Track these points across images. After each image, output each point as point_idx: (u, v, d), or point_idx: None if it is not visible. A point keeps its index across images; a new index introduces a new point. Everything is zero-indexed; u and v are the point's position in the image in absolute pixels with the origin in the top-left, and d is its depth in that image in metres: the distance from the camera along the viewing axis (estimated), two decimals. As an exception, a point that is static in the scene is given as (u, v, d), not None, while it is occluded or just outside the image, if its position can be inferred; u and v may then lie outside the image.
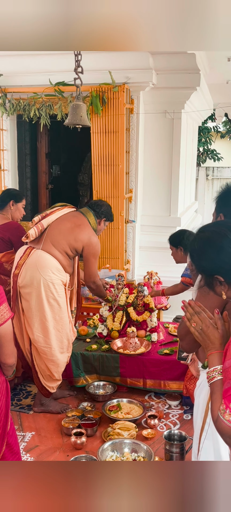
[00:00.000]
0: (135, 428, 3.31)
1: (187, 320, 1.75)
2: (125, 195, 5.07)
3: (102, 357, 3.90)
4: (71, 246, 3.53)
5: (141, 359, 3.83)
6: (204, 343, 1.70)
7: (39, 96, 4.99)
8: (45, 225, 3.57)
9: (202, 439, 2.03)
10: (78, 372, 3.93)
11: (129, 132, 5.13)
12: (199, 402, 2.11)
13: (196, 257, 1.82)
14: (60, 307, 3.50)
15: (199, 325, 1.70)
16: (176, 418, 3.62)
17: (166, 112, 5.36)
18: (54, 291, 3.45)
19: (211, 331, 1.68)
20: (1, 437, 1.96)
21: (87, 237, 3.57)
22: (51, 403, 3.71)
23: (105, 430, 3.35)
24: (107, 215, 3.81)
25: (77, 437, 3.20)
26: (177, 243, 3.91)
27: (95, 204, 3.82)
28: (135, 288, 4.28)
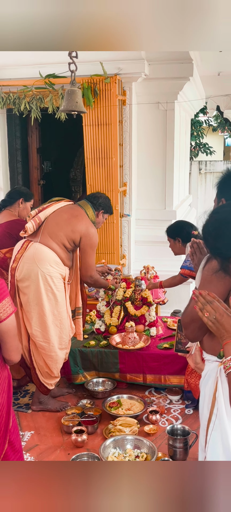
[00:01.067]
0: (137, 424, 3.29)
1: (199, 311, 1.70)
2: (119, 188, 5.05)
3: (101, 353, 3.87)
4: (68, 237, 3.50)
5: (140, 354, 3.81)
6: (219, 332, 1.67)
7: (29, 89, 4.95)
8: (42, 218, 3.55)
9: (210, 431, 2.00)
10: (76, 369, 3.90)
11: (122, 124, 5.11)
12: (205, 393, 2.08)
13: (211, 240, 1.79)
14: (58, 301, 3.46)
15: (212, 315, 1.66)
16: (177, 413, 3.61)
17: (159, 103, 5.34)
18: (53, 284, 3.42)
19: (226, 320, 1.65)
20: (3, 435, 1.91)
21: (85, 228, 3.54)
22: (50, 401, 3.68)
23: (106, 427, 3.32)
24: (105, 207, 3.78)
25: (78, 435, 3.17)
26: (174, 234, 3.89)
27: (92, 196, 3.80)
28: (132, 282, 4.26)
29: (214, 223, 1.77)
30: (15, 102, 4.99)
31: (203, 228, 1.84)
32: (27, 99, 4.97)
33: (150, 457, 2.93)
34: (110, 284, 4.07)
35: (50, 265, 3.41)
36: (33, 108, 4.94)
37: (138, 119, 5.39)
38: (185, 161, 7.29)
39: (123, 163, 5.19)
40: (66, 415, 3.47)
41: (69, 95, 3.93)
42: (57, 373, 3.57)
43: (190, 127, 8.14)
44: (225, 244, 1.71)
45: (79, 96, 4.02)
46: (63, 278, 3.52)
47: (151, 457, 2.92)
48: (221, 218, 1.75)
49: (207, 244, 1.84)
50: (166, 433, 3.12)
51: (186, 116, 6.98)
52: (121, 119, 5.07)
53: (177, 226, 3.92)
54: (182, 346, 2.77)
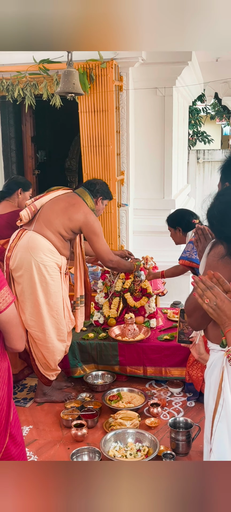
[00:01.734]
0: (138, 417, 3.28)
1: (199, 297, 1.64)
2: (116, 177, 5.01)
3: (100, 345, 3.85)
4: (65, 226, 3.46)
5: (140, 346, 3.79)
6: (220, 319, 1.61)
7: (23, 75, 4.88)
8: (38, 206, 3.52)
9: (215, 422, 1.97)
10: (75, 362, 3.88)
11: (119, 110, 5.06)
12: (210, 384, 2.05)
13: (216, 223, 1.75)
14: (53, 291, 3.43)
15: (213, 301, 1.60)
16: (179, 406, 3.60)
17: (157, 88, 5.30)
18: (47, 273, 3.38)
19: (227, 306, 1.59)
20: (4, 428, 1.88)
21: (83, 216, 3.50)
22: (54, 392, 3.68)
23: (107, 421, 3.31)
24: (103, 192, 3.74)
25: (77, 429, 3.16)
26: (175, 223, 3.86)
27: (89, 183, 3.76)
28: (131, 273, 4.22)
29: (219, 206, 1.73)
30: (9, 89, 4.93)
31: (208, 212, 1.80)
32: (20, 85, 4.90)
33: (152, 450, 2.91)
34: (135, 264, 3.99)
35: (44, 254, 3.37)
36: (27, 94, 4.88)
37: (135, 106, 5.34)
38: (183, 150, 7.26)
39: (120, 151, 5.14)
40: (65, 409, 3.46)
41: (66, 76, 3.86)
42: (55, 365, 3.55)
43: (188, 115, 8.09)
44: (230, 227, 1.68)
45: (77, 77, 3.96)
46: (59, 267, 3.47)
47: (153, 450, 2.90)
48: (227, 200, 1.71)
49: (212, 228, 1.81)
50: (168, 426, 3.10)
51: (184, 103, 6.94)
52: (118, 106, 5.02)
53: (177, 215, 3.90)
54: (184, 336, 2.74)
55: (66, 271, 3.58)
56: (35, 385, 3.86)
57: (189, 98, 7.36)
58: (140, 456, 2.89)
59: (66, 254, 3.56)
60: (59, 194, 3.64)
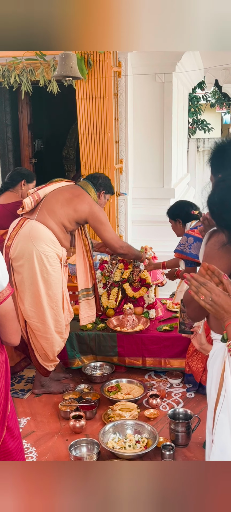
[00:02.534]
0: (137, 409, 3.28)
1: (194, 294, 1.62)
2: (115, 165, 4.99)
3: (98, 336, 3.85)
4: (70, 217, 3.47)
5: (139, 336, 3.79)
6: (218, 314, 1.60)
7: (19, 60, 4.83)
8: (41, 196, 3.51)
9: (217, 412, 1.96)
10: (73, 353, 3.88)
11: (117, 97, 5.03)
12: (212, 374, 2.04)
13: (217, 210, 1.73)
14: (54, 282, 3.42)
15: (208, 297, 1.59)
16: (178, 397, 3.60)
17: (156, 74, 5.26)
18: (48, 264, 3.38)
19: (223, 299, 1.58)
20: (1, 422, 1.88)
21: (88, 207, 3.52)
22: (52, 383, 3.68)
23: (105, 412, 3.31)
24: (106, 186, 3.75)
25: (76, 421, 3.16)
26: (174, 216, 3.86)
27: (92, 176, 3.78)
28: (130, 263, 4.22)
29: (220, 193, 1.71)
30: (4, 75, 4.88)
31: (209, 199, 1.78)
32: (17, 71, 4.86)
33: (151, 442, 2.92)
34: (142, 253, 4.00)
35: (46, 244, 3.36)
36: (24, 81, 4.84)
37: (134, 92, 5.31)
38: (183, 138, 7.23)
39: (119, 139, 5.12)
40: (63, 400, 3.46)
41: (63, 59, 3.83)
42: (54, 356, 3.55)
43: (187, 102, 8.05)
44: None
45: (74, 60, 3.92)
46: (60, 259, 3.48)
47: (152, 442, 2.91)
48: (228, 186, 1.69)
49: (213, 215, 1.79)
50: (167, 417, 3.10)
51: (184, 89, 6.90)
52: (116, 92, 4.99)
53: (177, 207, 3.89)
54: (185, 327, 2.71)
55: (65, 263, 3.59)
56: (33, 376, 3.87)
57: (189, 85, 7.31)
58: (139, 447, 2.89)
59: (67, 245, 3.58)
60: (63, 185, 3.65)
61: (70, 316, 3.69)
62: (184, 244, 3.59)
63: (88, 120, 4.82)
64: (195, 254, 3.54)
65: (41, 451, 3.01)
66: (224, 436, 1.91)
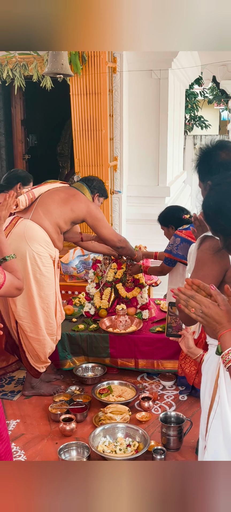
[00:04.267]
0: (128, 412, 3.28)
1: (184, 308, 1.60)
2: (109, 163, 4.98)
3: (90, 337, 3.85)
4: (66, 217, 3.49)
5: (132, 338, 3.79)
6: (210, 325, 1.58)
7: (12, 55, 4.80)
8: (36, 195, 3.52)
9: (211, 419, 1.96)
10: (64, 354, 3.87)
11: (112, 93, 5.01)
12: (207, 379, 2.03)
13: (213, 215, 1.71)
14: (47, 284, 3.43)
15: (198, 309, 1.56)
16: (171, 400, 3.60)
17: (152, 70, 5.24)
18: (41, 264, 3.38)
19: (213, 310, 1.55)
20: None
21: (85, 206, 3.56)
22: (43, 385, 3.67)
23: (96, 415, 3.30)
24: (100, 189, 3.79)
25: (66, 423, 3.15)
26: (166, 222, 3.88)
27: (86, 179, 3.82)
28: (123, 262, 4.21)
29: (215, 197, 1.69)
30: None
31: (204, 203, 1.76)
32: (10, 66, 4.83)
33: (142, 446, 2.91)
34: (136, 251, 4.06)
35: (40, 244, 3.37)
36: (17, 76, 4.81)
37: (129, 88, 5.29)
38: (179, 135, 7.22)
39: (113, 136, 5.11)
40: (53, 403, 3.45)
41: (54, 56, 3.82)
42: (45, 358, 3.55)
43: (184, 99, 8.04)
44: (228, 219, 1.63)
45: (65, 57, 3.91)
46: (53, 260, 3.49)
47: (143, 445, 2.90)
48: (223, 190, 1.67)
49: (208, 220, 1.77)
50: (159, 421, 3.10)
51: (181, 86, 6.88)
52: (111, 88, 4.97)
53: (168, 213, 3.91)
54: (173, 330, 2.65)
55: (58, 264, 3.60)
56: (23, 377, 3.85)
57: (186, 81, 7.30)
58: (130, 451, 2.89)
59: (60, 247, 3.59)
60: (57, 186, 3.68)
61: (62, 318, 3.70)
62: (173, 244, 3.62)
63: (82, 116, 4.80)
64: (181, 255, 3.58)
65: (30, 454, 3.00)
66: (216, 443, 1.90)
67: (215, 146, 2.24)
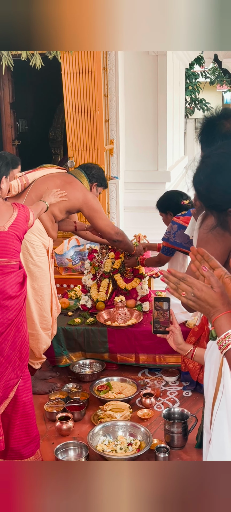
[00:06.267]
0: (129, 409, 3.28)
1: (174, 292, 1.54)
2: (104, 146, 4.98)
3: (87, 331, 3.85)
4: (61, 205, 3.49)
5: (132, 331, 3.79)
6: (203, 310, 1.55)
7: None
8: (30, 180, 3.53)
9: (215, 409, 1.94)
10: (60, 350, 3.86)
11: (107, 72, 5.01)
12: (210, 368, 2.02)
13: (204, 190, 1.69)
14: (40, 275, 3.44)
15: (189, 292, 1.52)
16: (174, 396, 3.60)
17: (149, 47, 5.23)
18: (34, 254, 3.39)
19: (207, 293, 1.51)
20: None
21: (82, 194, 3.57)
22: (37, 383, 3.67)
23: (95, 413, 3.31)
24: (99, 178, 3.80)
25: (63, 422, 3.15)
26: (165, 208, 3.89)
27: (85, 166, 3.83)
28: (122, 252, 4.20)
29: (205, 170, 1.66)
30: (-17, 48, 4.82)
31: (194, 178, 1.74)
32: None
33: (144, 444, 2.91)
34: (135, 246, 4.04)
35: (32, 233, 3.37)
36: (4, 54, 4.78)
37: (125, 66, 5.29)
38: (180, 117, 7.22)
39: (109, 117, 5.12)
40: (49, 401, 3.45)
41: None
42: (39, 353, 3.56)
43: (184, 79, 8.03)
44: (220, 193, 1.61)
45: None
46: (47, 249, 3.50)
47: (146, 444, 2.90)
48: (214, 162, 1.65)
49: (200, 196, 1.74)
50: (162, 418, 3.10)
51: (180, 64, 6.87)
52: (106, 66, 4.97)
53: (166, 199, 3.93)
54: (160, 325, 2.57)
55: (52, 255, 3.60)
56: (16, 376, 3.84)
57: (186, 60, 7.29)
58: (131, 450, 2.88)
59: (54, 236, 3.60)
60: (53, 172, 3.68)
61: (58, 311, 3.70)
62: (170, 232, 3.62)
63: (75, 97, 4.80)
64: (179, 242, 3.57)
65: (25, 456, 2.99)
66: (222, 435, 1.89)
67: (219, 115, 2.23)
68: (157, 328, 2.58)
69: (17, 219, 2.87)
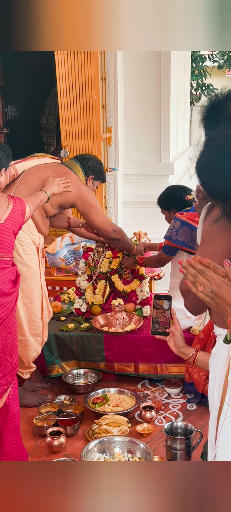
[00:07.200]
0: (127, 423, 3.29)
1: (192, 285, 1.57)
2: (102, 135, 5.00)
3: (81, 338, 3.85)
4: (53, 199, 3.48)
5: (130, 338, 3.80)
6: (219, 308, 1.56)
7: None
8: (19, 171, 3.54)
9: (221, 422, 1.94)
10: (52, 358, 3.87)
11: (104, 52, 5.02)
12: (215, 376, 2.01)
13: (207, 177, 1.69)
14: (29, 275, 3.45)
15: (207, 287, 1.54)
16: (177, 409, 3.61)
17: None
18: (23, 252, 3.40)
19: (225, 290, 1.52)
20: None
21: (76, 188, 3.57)
22: (26, 394, 3.68)
23: (90, 428, 3.32)
24: (96, 171, 3.81)
25: (54, 438, 3.15)
26: (167, 205, 3.91)
27: (81, 157, 3.84)
28: (120, 251, 4.20)
29: (209, 154, 1.66)
30: None
31: (197, 164, 1.74)
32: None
33: (144, 461, 2.91)
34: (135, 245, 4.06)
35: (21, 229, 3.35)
36: (-9, 33, 4.78)
37: (125, 47, 5.28)
38: (185, 104, 7.24)
39: (107, 103, 5.15)
40: (39, 414, 3.46)
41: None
42: (28, 362, 3.56)
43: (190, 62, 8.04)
44: (225, 180, 1.61)
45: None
46: (37, 247, 3.51)
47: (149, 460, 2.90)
48: (219, 146, 1.64)
49: (203, 183, 1.74)
50: (164, 433, 3.09)
51: (185, 46, 6.89)
52: (103, 47, 4.96)
53: (168, 194, 3.95)
54: (159, 326, 2.55)
55: (43, 253, 3.60)
56: (3, 387, 3.85)
57: (192, 41, 7.30)
58: (130, 468, 2.88)
59: (45, 232, 3.62)
60: (46, 162, 3.69)
61: (49, 316, 3.71)
62: (172, 229, 3.62)
63: (69, 79, 4.82)
64: (182, 241, 3.57)
65: (12, 475, 2.99)
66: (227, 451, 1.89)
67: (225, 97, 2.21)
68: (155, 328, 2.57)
69: (12, 212, 2.90)
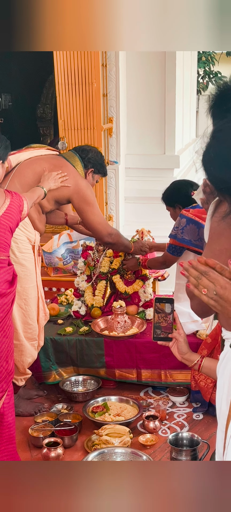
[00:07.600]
0: (129, 434, 3.30)
1: (194, 288, 1.56)
2: (102, 125, 5.01)
3: (80, 342, 3.86)
4: (48, 194, 3.48)
5: (133, 342, 3.81)
6: (225, 311, 1.56)
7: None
8: (13, 164, 3.54)
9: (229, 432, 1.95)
10: (48, 364, 3.88)
11: (106, 38, 5.01)
12: (223, 382, 2.02)
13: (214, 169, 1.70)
14: (24, 275, 3.45)
15: (211, 290, 1.54)
16: (183, 419, 3.62)
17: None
18: (17, 251, 3.41)
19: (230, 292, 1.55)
20: None
21: (73, 182, 3.56)
22: (21, 403, 3.69)
23: (89, 438, 3.33)
24: (96, 164, 3.80)
25: (50, 449, 3.16)
26: (172, 201, 3.92)
27: (80, 149, 3.84)
28: (121, 250, 4.21)
29: (217, 146, 1.67)
30: None
31: (203, 156, 1.74)
32: None
33: (147, 474, 2.92)
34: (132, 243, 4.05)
35: None
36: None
37: (127, 32, 5.29)
38: (191, 93, 7.25)
39: (108, 91, 5.15)
40: (35, 424, 3.47)
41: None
42: (23, 368, 3.57)
43: (196, 48, 8.05)
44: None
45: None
46: (32, 245, 3.52)
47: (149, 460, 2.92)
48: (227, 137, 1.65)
49: (210, 177, 1.75)
50: (168, 444, 3.11)
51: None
52: (104, 31, 4.97)
53: (173, 190, 3.97)
54: (161, 331, 2.54)
55: (39, 251, 3.61)
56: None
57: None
58: (131, 482, 2.89)
59: (41, 229, 3.63)
60: (42, 153, 3.69)
61: (46, 319, 3.72)
62: (177, 227, 3.63)
63: (67, 66, 4.83)
64: (188, 239, 3.57)
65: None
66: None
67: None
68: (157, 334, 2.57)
69: (9, 207, 2.90)
